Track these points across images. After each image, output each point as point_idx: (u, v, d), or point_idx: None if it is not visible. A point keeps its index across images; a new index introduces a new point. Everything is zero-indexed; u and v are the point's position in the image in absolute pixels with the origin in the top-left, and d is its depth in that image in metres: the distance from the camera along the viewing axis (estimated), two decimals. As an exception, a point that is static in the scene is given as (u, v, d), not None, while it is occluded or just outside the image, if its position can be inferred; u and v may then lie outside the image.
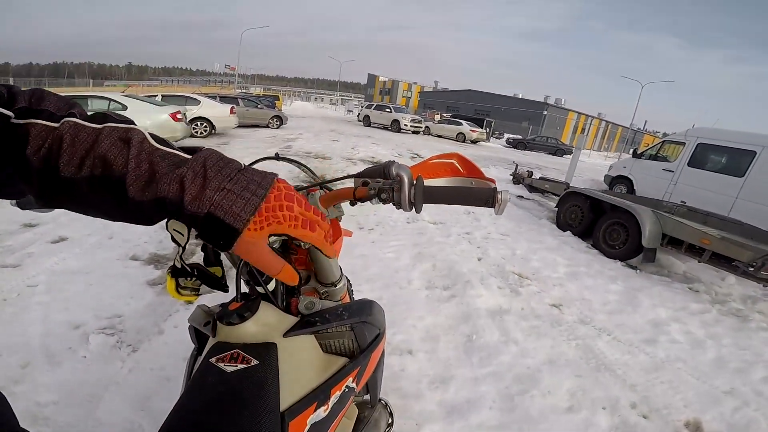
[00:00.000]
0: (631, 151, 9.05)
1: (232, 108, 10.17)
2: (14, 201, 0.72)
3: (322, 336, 0.70)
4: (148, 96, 8.85)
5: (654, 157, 7.94)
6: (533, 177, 6.67)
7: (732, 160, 6.55)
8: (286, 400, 0.58)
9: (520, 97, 43.27)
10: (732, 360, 2.47)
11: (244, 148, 8.26)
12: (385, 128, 19.47)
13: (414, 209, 0.64)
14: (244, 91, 33.33)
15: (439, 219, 4.58)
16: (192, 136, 8.86)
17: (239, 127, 11.06)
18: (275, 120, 13.68)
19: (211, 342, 0.68)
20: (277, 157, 0.95)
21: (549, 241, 4.43)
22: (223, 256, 0.81)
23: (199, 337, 0.81)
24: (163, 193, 0.41)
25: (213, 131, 9.70)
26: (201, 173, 0.43)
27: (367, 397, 0.90)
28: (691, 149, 7.06)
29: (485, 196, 0.64)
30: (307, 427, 0.60)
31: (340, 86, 51.25)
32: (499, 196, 0.64)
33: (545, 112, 39.98)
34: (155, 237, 3.05)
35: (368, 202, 0.70)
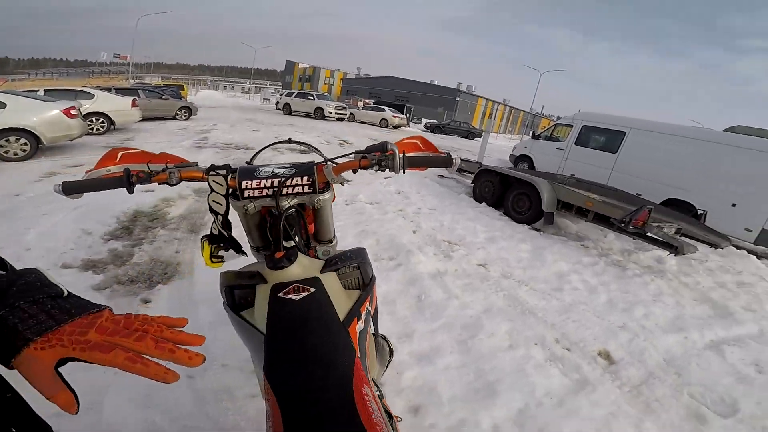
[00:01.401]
0: (531, 133, 10.33)
1: (133, 100, 9.19)
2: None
3: (340, 274, 0.96)
4: (29, 91, 7.71)
5: (549, 138, 9.18)
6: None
7: (608, 139, 7.83)
8: (340, 314, 0.84)
9: (436, 84, 45.35)
10: (619, 302, 3.08)
11: (155, 143, 7.66)
12: (308, 116, 19.16)
13: (402, 171, 1.00)
14: (138, 81, 29.81)
15: (374, 200, 4.93)
16: (88, 133, 7.95)
17: (142, 120, 10.09)
18: (183, 111, 12.73)
19: (264, 288, 0.87)
20: (289, 141, 1.19)
21: (469, 212, 5.08)
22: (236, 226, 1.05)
23: (229, 294, 0.98)
24: None
25: (112, 127, 8.71)
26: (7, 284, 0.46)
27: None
28: (578, 131, 8.32)
29: (446, 161, 1.04)
30: (357, 334, 0.86)
31: (254, 73, 48.34)
32: (454, 160, 1.04)
33: (458, 99, 42.53)
34: (82, 242, 2.89)
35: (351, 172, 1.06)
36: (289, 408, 0.66)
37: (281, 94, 23.73)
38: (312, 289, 0.86)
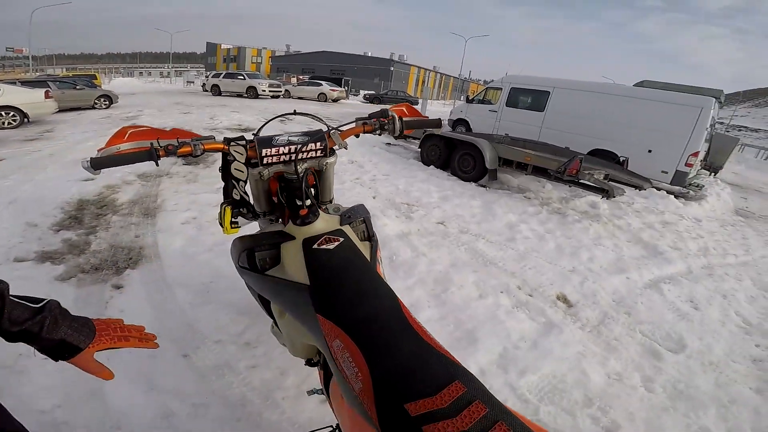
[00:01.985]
0: (464, 98, 10.75)
1: (47, 92, 8.26)
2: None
3: (353, 227, 1.12)
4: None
5: (481, 101, 9.63)
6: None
7: (535, 99, 8.40)
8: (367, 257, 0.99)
9: (370, 55, 44.73)
10: (566, 246, 3.39)
11: (80, 132, 6.99)
12: (240, 96, 18.19)
13: (400, 133, 1.22)
14: (42, 73, 26.37)
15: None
16: (0, 127, 7.02)
17: (59, 111, 9.10)
18: (103, 100, 11.60)
19: (293, 243, 1.00)
20: (294, 113, 1.27)
21: (420, 175, 5.34)
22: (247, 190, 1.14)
23: (249, 257, 1.08)
24: (29, 328, 0.65)
25: (26, 120, 7.79)
26: (54, 319, 0.68)
27: None
28: (507, 93, 8.81)
29: (437, 123, 1.30)
30: (382, 273, 1.01)
31: (173, 58, 44.30)
32: (441, 122, 1.28)
33: (392, 69, 42.41)
34: (29, 235, 2.71)
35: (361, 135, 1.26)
36: (361, 337, 0.76)
37: (207, 76, 22.19)
38: (341, 239, 1.00)
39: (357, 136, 1.24)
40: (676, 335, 2.35)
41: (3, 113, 7.41)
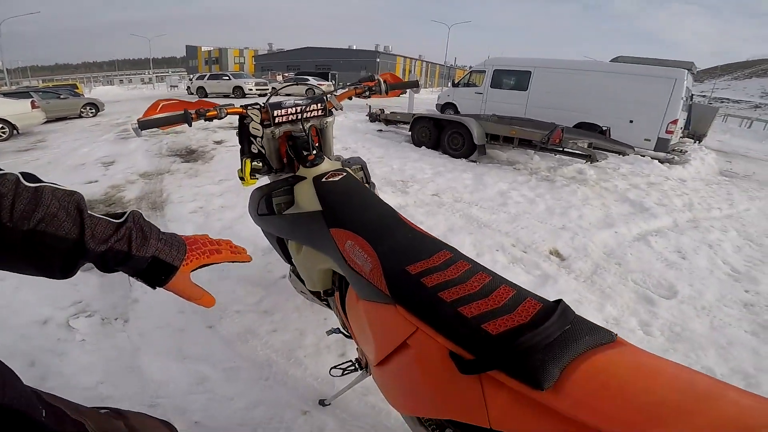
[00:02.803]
0: (450, 83, 10.91)
1: (33, 102, 8.25)
2: None
3: (352, 171, 1.34)
4: None
5: (467, 85, 9.80)
6: (385, 113, 7.73)
7: (518, 80, 8.60)
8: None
9: (355, 48, 44.51)
10: (556, 207, 3.57)
11: (73, 140, 7.02)
12: (226, 96, 18.16)
13: (386, 93, 1.47)
14: (18, 87, 26.08)
15: (323, 160, 5.12)
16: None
17: (46, 122, 9.08)
18: (89, 108, 11.60)
19: (305, 182, 1.19)
20: (297, 83, 1.62)
21: (413, 156, 5.51)
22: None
23: (266, 203, 1.29)
24: (116, 246, 0.57)
25: (15, 132, 7.78)
26: (140, 230, 0.60)
27: None
28: (490, 75, 8.97)
29: (416, 84, 1.59)
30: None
31: (153, 63, 43.74)
32: (419, 83, 1.57)
33: (378, 60, 42.29)
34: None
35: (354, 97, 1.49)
36: (366, 232, 0.90)
37: (191, 79, 22.05)
38: (344, 173, 1.20)
39: (350, 98, 1.48)
40: (666, 282, 2.43)
41: (-10, 126, 7.40)
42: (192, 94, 19.84)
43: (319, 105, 1.36)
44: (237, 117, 1.30)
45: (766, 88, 35.50)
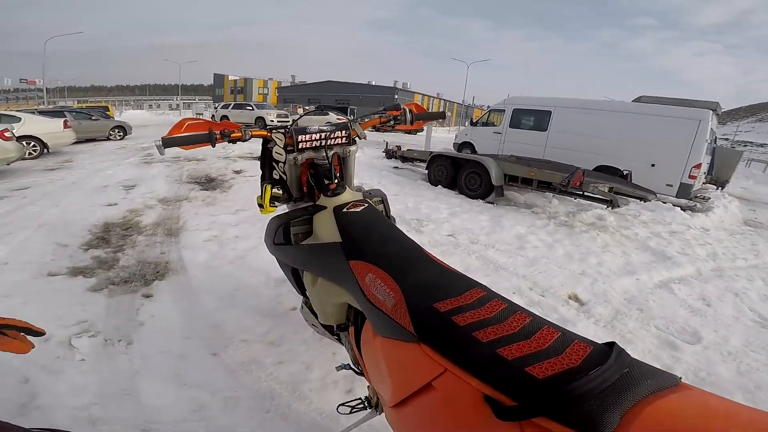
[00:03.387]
0: (468, 122, 11.04)
1: (65, 122, 8.65)
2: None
3: (374, 203, 1.31)
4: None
5: (485, 124, 9.88)
6: (402, 150, 7.78)
7: (537, 120, 8.60)
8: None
9: (374, 84, 46.03)
10: (575, 253, 3.52)
11: (99, 162, 7.28)
12: (248, 126, 18.75)
13: (411, 124, 1.43)
14: (54, 106, 27.68)
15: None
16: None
17: (75, 143, 9.45)
18: (117, 131, 12.09)
19: (325, 212, 1.15)
20: (321, 107, 1.55)
21: (428, 195, 5.48)
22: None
23: (284, 232, 1.25)
24: None
25: (46, 150, 8.11)
26: None
27: None
28: (509, 115, 9.04)
29: (442, 115, 1.53)
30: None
31: (181, 90, 45.92)
32: (447, 114, 1.50)
33: (396, 96, 43.54)
34: (61, 253, 2.85)
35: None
36: (389, 265, 0.88)
37: (216, 107, 22.97)
38: (365, 204, 1.16)
39: (374, 127, 1.45)
40: (690, 329, 2.38)
41: (24, 143, 7.70)
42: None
43: (343, 132, 1.33)
44: (260, 143, 1.30)
45: (790, 135, 34.85)
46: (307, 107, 30.26)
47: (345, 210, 1.12)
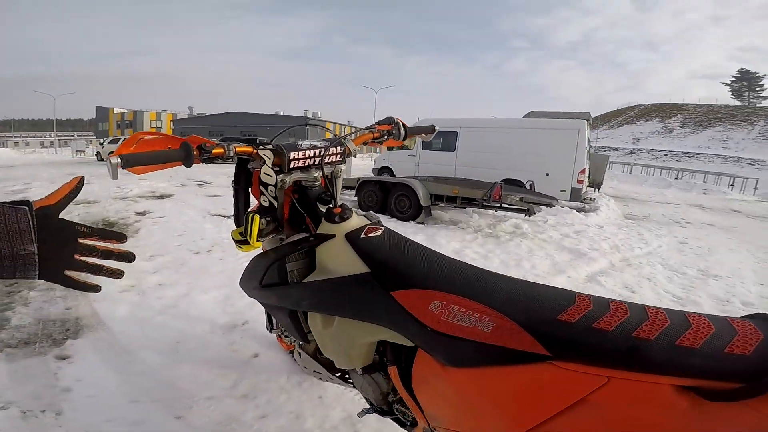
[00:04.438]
0: (379, 148, 11.46)
1: None
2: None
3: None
4: None
5: (401, 148, 10.34)
6: (327, 178, 7.75)
7: (446, 140, 9.20)
8: None
9: (282, 114, 45.23)
10: (509, 260, 3.79)
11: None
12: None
13: (405, 140, 1.33)
14: None
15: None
16: None
17: None
18: (-28, 178, 10.02)
19: (335, 241, 1.00)
20: (306, 123, 1.34)
21: (363, 221, 5.47)
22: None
23: (279, 269, 1.07)
24: None
25: None
26: None
27: None
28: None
29: (432, 129, 1.48)
30: None
31: (56, 124, 39.99)
32: (437, 128, 1.48)
33: (308, 126, 43.36)
34: None
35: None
36: (461, 287, 0.79)
37: (102, 142, 20.46)
38: (383, 227, 1.04)
39: (365, 143, 1.32)
40: None
41: None
42: (102, 160, 18.28)
43: (338, 149, 1.16)
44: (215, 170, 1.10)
45: (636, 135, 42.72)
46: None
47: (364, 236, 0.99)
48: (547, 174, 7.80)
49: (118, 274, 0.75)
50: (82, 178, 0.71)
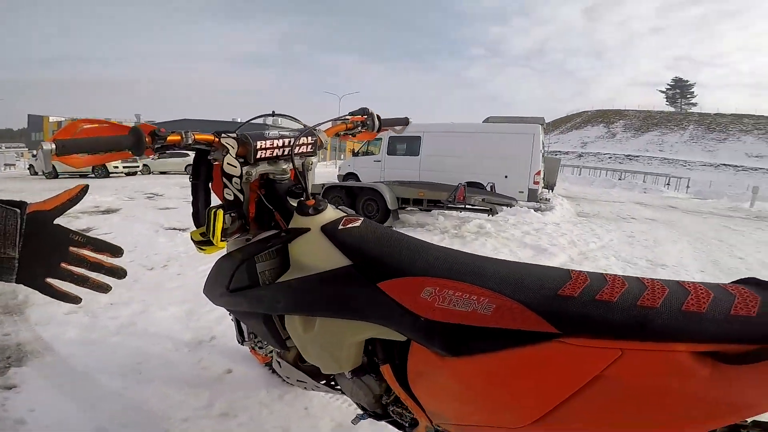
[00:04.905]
0: (352, 152, 11.45)
1: None
2: None
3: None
4: None
5: (366, 153, 10.37)
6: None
7: (410, 145, 9.39)
8: None
9: (239, 120, 43.68)
10: None
11: None
12: (83, 176, 15.53)
13: (377, 131, 1.29)
14: None
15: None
16: None
17: None
18: None
19: (311, 235, 0.91)
20: (273, 114, 1.19)
21: (331, 227, 5.41)
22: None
23: (249, 270, 0.97)
24: None
25: None
26: None
27: None
28: (386, 143, 9.67)
29: (406, 121, 1.40)
30: None
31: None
32: (408, 119, 1.40)
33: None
34: None
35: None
36: (453, 271, 0.75)
37: (35, 155, 18.80)
38: (362, 218, 0.96)
39: (338, 135, 1.26)
40: None
41: None
42: (39, 174, 16.79)
43: (309, 139, 1.07)
44: (184, 158, 0.99)
45: (584, 139, 45.59)
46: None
47: (342, 227, 0.91)
48: (506, 176, 8.14)
49: (104, 288, 0.73)
50: (86, 186, 0.69)
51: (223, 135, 0.96)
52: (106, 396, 1.71)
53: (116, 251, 0.71)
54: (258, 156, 0.99)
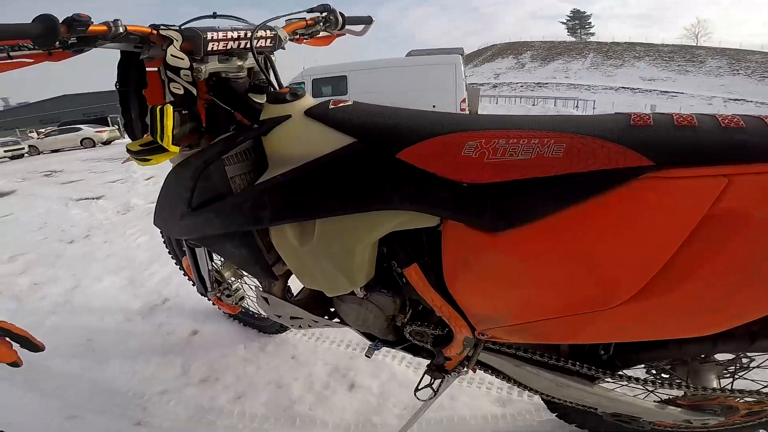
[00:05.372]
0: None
1: None
2: None
3: None
4: None
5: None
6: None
7: (335, 85, 9.04)
8: None
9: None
10: None
11: None
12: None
13: (342, 27, 1.15)
14: None
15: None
16: None
17: None
18: None
19: (294, 121, 0.79)
20: (214, 15, 0.98)
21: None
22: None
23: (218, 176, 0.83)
24: None
25: None
26: None
27: None
28: (310, 85, 9.20)
29: (368, 21, 1.25)
30: None
31: None
32: (374, 19, 1.26)
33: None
34: None
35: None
36: (509, 123, 0.62)
37: None
38: (349, 101, 0.83)
39: (296, 33, 1.09)
40: None
41: None
42: None
43: (268, 32, 0.91)
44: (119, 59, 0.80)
45: (496, 71, 47.28)
46: (41, 130, 22.96)
47: (333, 106, 0.78)
48: (434, 106, 8.24)
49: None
50: None
51: (162, 26, 0.80)
52: (67, 383, 1.53)
53: (36, 350, 0.72)
54: (210, 48, 0.82)
